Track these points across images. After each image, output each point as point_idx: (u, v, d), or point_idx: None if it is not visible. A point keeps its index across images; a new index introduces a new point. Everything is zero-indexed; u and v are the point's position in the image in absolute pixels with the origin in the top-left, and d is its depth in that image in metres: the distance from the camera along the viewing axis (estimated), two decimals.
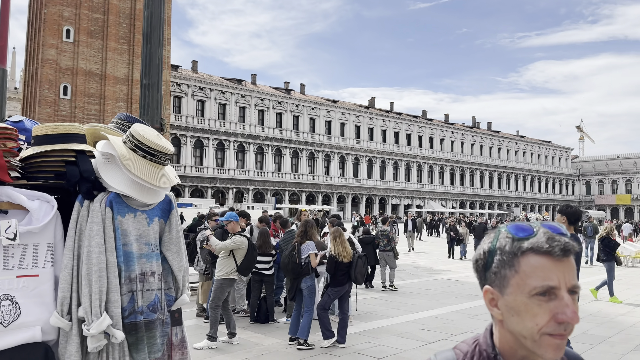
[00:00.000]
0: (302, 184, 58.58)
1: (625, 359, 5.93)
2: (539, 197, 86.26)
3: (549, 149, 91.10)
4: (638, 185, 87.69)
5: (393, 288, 11.12)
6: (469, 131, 78.67)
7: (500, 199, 79.60)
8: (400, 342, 6.70)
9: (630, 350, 6.24)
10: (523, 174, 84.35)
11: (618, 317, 8.48)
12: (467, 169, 76.44)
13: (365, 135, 65.51)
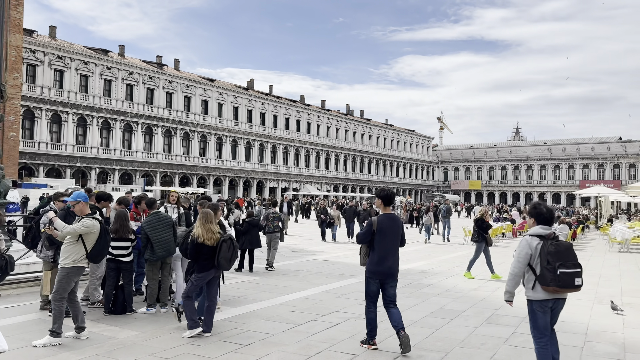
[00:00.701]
0: (175, 165, 55.95)
1: (477, 331, 6.36)
2: (404, 182, 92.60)
3: (413, 138, 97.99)
4: (487, 172, 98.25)
5: (272, 269, 11.34)
6: (344, 118, 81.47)
7: (370, 183, 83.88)
8: (269, 326, 6.51)
9: (481, 323, 6.73)
10: (390, 160, 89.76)
11: (471, 292, 9.20)
12: (341, 154, 79.24)
13: (243, 117, 64.42)
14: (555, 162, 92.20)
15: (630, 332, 6.28)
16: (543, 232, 4.31)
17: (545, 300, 4.22)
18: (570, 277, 4.08)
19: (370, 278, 5.55)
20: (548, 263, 4.11)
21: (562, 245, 4.22)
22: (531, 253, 4.24)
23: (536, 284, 4.19)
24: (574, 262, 4.16)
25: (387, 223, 5.54)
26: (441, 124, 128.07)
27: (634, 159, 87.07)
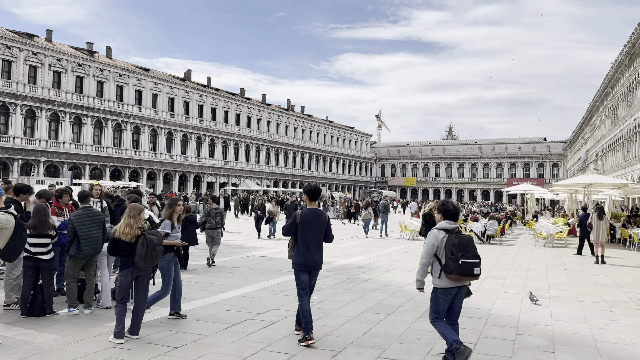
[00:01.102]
0: (106, 158, 53.36)
1: (414, 326, 6.39)
2: (343, 178, 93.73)
3: (353, 135, 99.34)
4: (422, 169, 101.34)
5: (214, 264, 11.25)
6: (284, 113, 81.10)
7: (310, 178, 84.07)
8: (203, 326, 6.22)
9: (418, 318, 6.78)
10: (330, 156, 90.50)
11: (407, 286, 9.29)
12: (282, 150, 78.89)
13: (180, 109, 62.46)
14: (485, 161, 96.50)
15: (558, 325, 6.54)
16: (449, 226, 4.79)
17: (449, 288, 4.70)
18: (470, 267, 4.57)
19: (298, 270, 5.72)
20: (452, 254, 4.56)
21: (464, 238, 4.70)
22: (437, 245, 4.71)
23: (441, 273, 4.64)
24: (474, 253, 4.64)
25: (311, 217, 5.73)
26: (379, 121, 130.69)
27: (557, 158, 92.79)
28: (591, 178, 21.38)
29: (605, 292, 9.13)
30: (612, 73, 51.63)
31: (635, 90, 42.28)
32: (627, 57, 44.61)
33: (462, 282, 4.75)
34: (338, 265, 11.83)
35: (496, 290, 9.06)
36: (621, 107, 48.12)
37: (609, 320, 6.83)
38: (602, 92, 58.36)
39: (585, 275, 11.25)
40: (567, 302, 8.09)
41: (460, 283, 4.74)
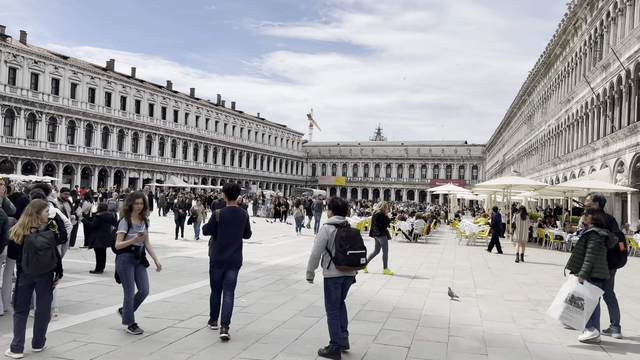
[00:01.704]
0: (18, 150, 49.29)
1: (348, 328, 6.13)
2: (274, 176, 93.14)
3: (284, 133, 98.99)
4: (351, 169, 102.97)
5: None
6: (214, 108, 79.15)
7: (240, 176, 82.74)
8: (117, 336, 5.62)
9: (350, 320, 6.53)
10: (261, 154, 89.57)
11: None
12: (211, 146, 76.92)
13: (101, 100, 58.99)
14: (410, 162, 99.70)
15: (488, 325, 6.56)
16: (338, 221, 5.18)
17: (337, 277, 5.08)
18: (357, 257, 4.98)
19: (213, 267, 5.87)
20: (340, 246, 4.95)
21: (352, 231, 5.09)
22: (328, 239, 5.08)
23: (331, 264, 5.02)
24: (360, 245, 5.05)
25: (230, 215, 5.89)
26: (311, 120, 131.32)
27: (476, 161, 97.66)
28: (511, 180, 22.46)
29: (529, 290, 9.42)
30: (529, 81, 54.96)
31: (550, 98, 45.22)
32: (543, 67, 47.60)
33: (350, 272, 5.13)
34: (268, 266, 11.44)
35: (425, 289, 9.08)
36: (537, 113, 51.32)
37: (535, 319, 6.96)
38: (519, 99, 61.99)
39: (508, 274, 11.63)
40: (494, 301, 8.22)
41: (348, 273, 5.13)
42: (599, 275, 5.76)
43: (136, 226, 5.87)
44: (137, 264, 5.88)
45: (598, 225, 5.88)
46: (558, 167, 40.44)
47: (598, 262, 5.73)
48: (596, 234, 5.78)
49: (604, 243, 5.75)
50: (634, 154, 24.05)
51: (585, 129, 32.84)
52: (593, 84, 29.86)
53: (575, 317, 5.67)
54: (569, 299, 5.72)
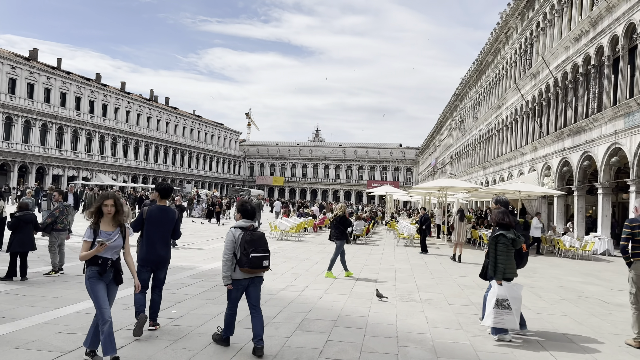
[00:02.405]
0: None
1: (290, 342, 5.65)
2: (210, 175, 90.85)
3: (222, 131, 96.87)
4: (290, 169, 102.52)
5: (62, 271, 9.59)
6: (147, 103, 75.93)
7: (174, 174, 79.97)
8: (24, 356, 4.81)
9: (293, 331, 6.07)
10: (197, 152, 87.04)
11: (279, 292, 8.58)
12: (142, 142, 73.74)
13: (22, 92, 54.77)
14: (348, 163, 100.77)
15: (436, 333, 6.30)
16: (245, 224, 5.29)
17: (241, 280, 5.18)
18: (259, 260, 5.09)
19: (141, 267, 5.77)
20: (244, 249, 5.06)
21: (256, 235, 5.21)
22: (235, 241, 5.17)
23: (236, 266, 5.12)
24: (263, 248, 5.17)
25: (158, 214, 5.86)
26: (249, 119, 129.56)
27: (410, 163, 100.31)
28: (447, 182, 22.88)
29: (470, 293, 9.35)
30: (462, 87, 56.94)
31: (481, 104, 46.99)
32: (475, 74, 49.39)
33: (253, 274, 5.20)
34: (203, 271, 10.72)
35: (369, 294, 8.77)
36: (468, 118, 53.21)
37: (482, 326, 6.80)
38: (451, 104, 64.13)
39: (449, 276, 11.60)
40: (438, 306, 8.03)
41: (252, 275, 5.20)
42: (510, 275, 5.98)
43: (105, 233, 4.71)
44: (109, 281, 4.76)
45: (505, 227, 6.02)
46: (488, 170, 42.05)
47: (508, 263, 5.95)
48: (504, 237, 5.94)
49: (511, 245, 5.95)
50: (560, 159, 25.27)
51: (515, 134, 34.29)
52: (523, 91, 31.20)
53: (507, 319, 5.79)
54: (497, 304, 5.82)
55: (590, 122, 21.57)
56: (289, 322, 6.48)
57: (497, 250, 5.95)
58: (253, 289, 5.27)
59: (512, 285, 5.90)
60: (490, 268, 6.04)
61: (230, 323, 5.36)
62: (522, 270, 6.66)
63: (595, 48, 21.59)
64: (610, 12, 20.21)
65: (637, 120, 17.81)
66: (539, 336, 6.36)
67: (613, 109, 19.51)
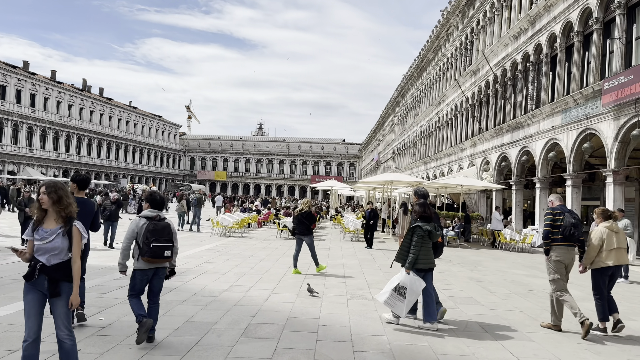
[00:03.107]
0: None
1: (235, 352, 5.05)
2: (148, 170, 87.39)
3: (160, 124, 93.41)
4: (232, 164, 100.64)
5: None
6: (79, 94, 71.77)
7: (108, 169, 76.26)
8: None
9: (238, 339, 5.47)
10: (133, 145, 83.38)
11: (222, 294, 7.93)
12: (74, 135, 69.67)
13: None
14: (292, 158, 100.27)
15: (392, 336, 5.90)
16: (150, 214, 5.26)
17: (145, 270, 5.16)
18: (160, 250, 5.08)
19: None
20: (147, 238, 5.05)
21: (160, 225, 5.18)
22: (137, 231, 5.16)
23: (139, 256, 5.11)
24: (166, 238, 5.15)
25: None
26: (189, 112, 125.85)
27: (353, 159, 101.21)
28: (392, 176, 22.87)
29: None
30: (403, 84, 57.80)
31: (422, 100, 47.80)
32: (416, 71, 50.16)
33: (156, 264, 5.17)
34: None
35: (319, 292, 8.31)
36: (410, 115, 54.07)
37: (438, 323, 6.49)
38: (394, 100, 65.04)
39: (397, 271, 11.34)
40: None
41: (155, 265, 5.17)
42: (423, 265, 6.11)
43: (43, 231, 3.83)
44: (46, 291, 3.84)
45: (425, 219, 6.17)
46: (429, 165, 42.86)
47: (422, 253, 6.07)
48: (420, 229, 6.08)
49: (428, 236, 6.08)
50: (499, 154, 25.95)
51: (455, 129, 35.03)
52: (463, 88, 31.84)
53: (398, 305, 6.02)
54: (396, 288, 6.05)
55: (529, 118, 22.21)
56: (233, 328, 5.87)
57: (413, 240, 6.06)
58: (157, 280, 5.27)
59: (416, 280, 6.00)
60: (400, 255, 6.18)
61: (138, 308, 5.18)
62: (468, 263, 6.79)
63: (534, 46, 22.22)
64: (549, 10, 20.82)
65: (574, 116, 18.45)
66: (496, 333, 6.14)
67: (551, 105, 20.14)
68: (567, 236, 6.25)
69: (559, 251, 6.32)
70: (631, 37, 15.90)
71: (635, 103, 14.63)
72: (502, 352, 5.38)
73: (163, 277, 5.31)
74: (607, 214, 6.70)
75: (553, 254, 6.34)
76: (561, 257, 6.31)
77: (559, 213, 6.39)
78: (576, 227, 6.26)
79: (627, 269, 11.37)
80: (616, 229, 6.54)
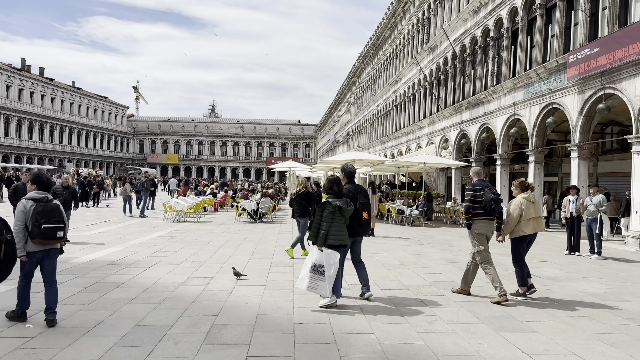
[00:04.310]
0: None
1: (197, 358, 4.16)
2: (94, 153, 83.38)
3: (106, 105, 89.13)
4: (184, 146, 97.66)
5: None
6: (17, 73, 67.04)
7: (52, 153, 72.11)
8: None
9: (199, 347, 4.53)
10: (78, 128, 79.11)
11: (178, 288, 6.95)
12: (13, 117, 65.18)
13: None
14: (246, 140, 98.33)
15: (380, 331, 5.13)
16: (37, 196, 5.15)
17: (35, 252, 5.06)
18: (52, 231, 5.04)
19: None
20: (36, 220, 4.96)
21: (49, 206, 5.10)
22: (26, 213, 5.01)
23: (28, 239, 5.00)
24: (57, 219, 5.09)
25: None
26: (137, 93, 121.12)
27: (309, 140, 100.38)
28: (354, 155, 22.17)
29: (399, 274, 8.44)
30: (359, 63, 57.05)
31: (379, 79, 47.28)
32: (372, 49, 49.49)
33: (47, 245, 5.13)
34: (79, 263, 8.68)
35: (289, 282, 7.47)
36: (366, 94, 53.54)
37: (428, 316, 5.80)
38: (349, 80, 64.28)
39: (369, 254, 10.64)
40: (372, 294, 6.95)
41: (46, 246, 5.13)
42: (334, 241, 5.93)
43: None
44: None
45: (335, 195, 6.07)
46: (386, 144, 42.59)
47: (333, 230, 5.93)
48: (330, 204, 5.97)
49: (339, 212, 5.96)
50: (458, 132, 25.73)
51: (412, 108, 34.70)
52: (421, 64, 31.40)
53: (320, 285, 5.83)
54: (312, 269, 5.87)
55: (489, 94, 21.96)
56: (192, 332, 4.94)
57: (322, 216, 5.97)
58: (48, 261, 5.22)
59: (330, 252, 5.87)
60: (313, 233, 6.03)
61: (24, 295, 5.15)
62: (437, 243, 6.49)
63: (494, 20, 21.87)
64: None
65: (537, 91, 18.24)
66: (494, 323, 5.52)
67: (512, 81, 19.89)
68: (488, 211, 6.57)
69: (481, 224, 6.63)
70: (596, 9, 15.67)
71: (602, 76, 14.44)
72: (508, 348, 4.73)
73: (55, 257, 5.30)
74: (524, 185, 7.04)
75: (475, 228, 6.66)
76: (483, 229, 6.64)
77: (479, 189, 6.65)
78: (496, 202, 6.59)
79: (600, 246, 11.14)
80: (533, 200, 6.86)
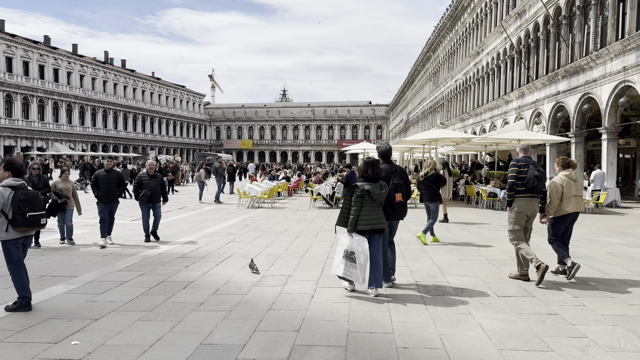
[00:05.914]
0: None
1: None
2: (174, 140, 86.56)
3: (184, 94, 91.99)
4: (258, 132, 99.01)
5: None
6: (101, 66, 70.54)
7: (135, 141, 75.61)
8: None
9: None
10: (159, 117, 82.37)
11: (253, 289, 5.95)
12: (100, 108, 68.84)
13: None
14: (317, 123, 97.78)
15: (399, 328, 3.91)
16: (15, 183, 5.10)
17: (17, 239, 5.08)
18: (37, 219, 5.10)
19: None
20: (19, 208, 4.95)
21: (31, 194, 5.13)
22: (3, 202, 4.96)
23: (9, 226, 4.96)
24: (40, 207, 5.16)
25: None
26: (213, 82, 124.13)
27: (380, 121, 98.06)
28: (438, 133, 20.46)
29: (509, 271, 7.05)
30: (434, 37, 54.08)
31: (457, 52, 44.43)
32: (449, 21, 46.52)
33: (29, 232, 5.19)
34: (149, 257, 8.05)
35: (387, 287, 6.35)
36: (442, 70, 50.71)
37: (458, 313, 4.46)
38: (424, 56, 61.32)
39: (467, 246, 9.29)
40: (486, 303, 5.63)
41: (28, 233, 5.18)
42: (364, 227, 5.62)
43: None
44: None
45: (369, 180, 5.65)
46: (466, 122, 40.04)
47: (363, 214, 5.62)
48: (357, 188, 5.65)
49: (368, 196, 5.60)
50: (553, 104, 23.16)
51: (497, 81, 32.05)
52: (508, 32, 28.71)
53: (354, 272, 5.60)
54: (345, 255, 5.63)
55: (592, 59, 19.35)
56: (265, 351, 3.95)
57: (351, 201, 5.66)
58: (23, 250, 5.23)
59: (359, 239, 5.59)
60: (341, 218, 5.75)
61: (23, 284, 5.13)
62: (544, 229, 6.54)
63: None
64: None
65: None
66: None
67: (622, 42, 17.27)
68: (530, 188, 6.32)
69: (522, 202, 6.38)
70: None
71: None
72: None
73: (29, 245, 5.37)
74: (566, 162, 6.70)
75: (516, 205, 6.41)
76: (523, 208, 6.39)
77: (524, 165, 6.40)
78: (539, 180, 6.29)
79: None
80: (575, 177, 6.54)
